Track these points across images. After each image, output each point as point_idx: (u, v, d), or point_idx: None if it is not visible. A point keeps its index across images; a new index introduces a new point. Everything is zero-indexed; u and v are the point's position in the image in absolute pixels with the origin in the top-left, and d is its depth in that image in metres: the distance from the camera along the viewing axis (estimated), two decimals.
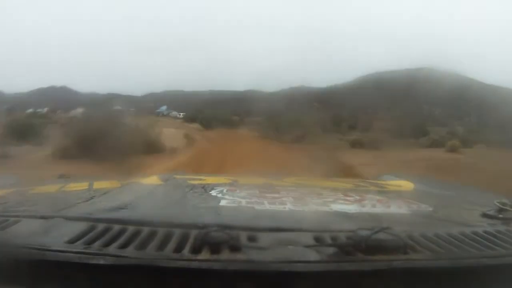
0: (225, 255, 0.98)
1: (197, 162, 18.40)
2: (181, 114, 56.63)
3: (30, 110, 46.80)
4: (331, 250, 1.02)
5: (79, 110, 48.71)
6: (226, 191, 1.84)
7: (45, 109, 48.84)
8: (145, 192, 1.87)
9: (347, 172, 14.44)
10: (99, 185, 2.08)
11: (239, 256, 0.98)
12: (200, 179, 2.24)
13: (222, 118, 46.37)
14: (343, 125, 39.64)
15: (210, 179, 2.27)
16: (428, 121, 40.88)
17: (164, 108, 55.83)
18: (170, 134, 30.78)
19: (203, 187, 1.95)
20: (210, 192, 1.82)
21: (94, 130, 18.79)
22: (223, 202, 1.61)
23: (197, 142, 31.54)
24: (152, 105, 56.54)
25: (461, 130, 36.69)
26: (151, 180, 2.25)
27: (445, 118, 44.07)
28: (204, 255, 0.98)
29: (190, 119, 51.96)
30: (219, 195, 1.74)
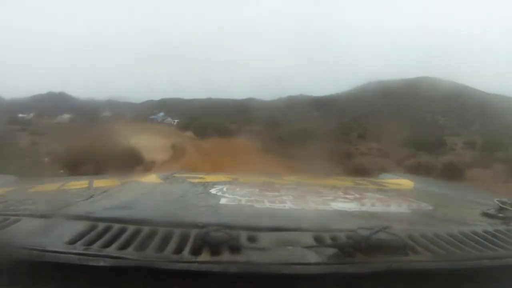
0: (225, 256, 0.98)
1: None
2: (175, 121, 53.20)
3: (20, 115, 46.33)
4: (330, 251, 1.02)
5: (66, 116, 47.86)
6: (226, 189, 1.84)
7: (31, 115, 48.34)
8: (145, 190, 1.87)
9: None
10: (99, 183, 2.08)
11: (239, 257, 0.97)
12: (200, 178, 2.24)
13: (218, 126, 41.34)
14: (353, 134, 35.69)
15: (210, 178, 2.26)
16: (436, 131, 39.33)
17: (161, 114, 55.01)
18: (154, 144, 26.27)
19: (203, 186, 1.95)
20: (210, 191, 1.82)
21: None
22: (223, 201, 1.61)
23: (186, 154, 26.86)
24: (149, 112, 56.20)
25: (479, 140, 33.71)
26: (151, 178, 2.25)
27: (450, 127, 43.15)
28: (204, 256, 0.98)
29: (183, 126, 47.45)
30: (219, 194, 1.74)
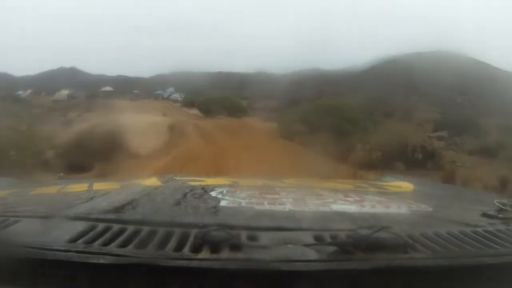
0: (225, 254, 0.98)
1: None
2: (182, 96, 48.42)
3: (19, 92, 45.41)
4: (331, 249, 1.03)
5: (64, 92, 45.80)
6: (226, 192, 1.85)
7: (28, 91, 47.56)
8: (144, 193, 1.87)
9: None
10: (99, 186, 2.10)
11: (239, 255, 0.98)
12: (200, 180, 2.25)
13: (226, 102, 35.40)
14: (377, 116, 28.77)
15: (210, 180, 2.27)
16: (464, 111, 35.39)
17: (171, 90, 53.75)
18: (146, 126, 21.51)
19: (203, 188, 1.95)
20: (210, 193, 1.82)
21: None
22: (223, 203, 1.62)
23: (185, 138, 21.36)
24: (159, 87, 55.41)
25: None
26: (151, 181, 2.26)
27: (469, 106, 40.80)
28: (204, 254, 0.98)
29: (189, 103, 41.67)
30: (219, 196, 1.75)
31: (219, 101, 35.71)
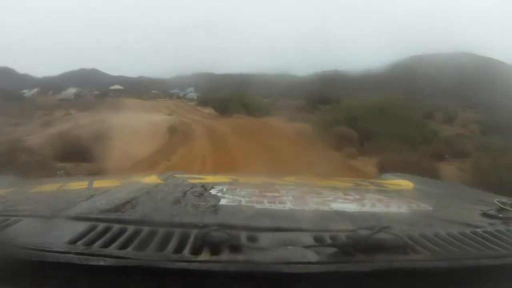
0: (225, 255, 0.98)
1: None
2: (196, 95, 47.60)
3: (24, 91, 44.98)
4: (331, 250, 1.03)
5: (71, 91, 45.87)
6: (226, 190, 1.84)
7: (35, 90, 47.16)
8: (144, 191, 1.86)
9: None
10: (99, 184, 2.10)
11: (239, 257, 0.98)
12: (200, 178, 2.24)
13: (244, 99, 31.80)
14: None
15: (210, 178, 2.27)
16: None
17: (190, 89, 53.56)
18: (140, 127, 18.73)
19: (203, 186, 1.95)
20: (210, 191, 1.82)
21: None
22: (223, 201, 1.61)
23: (188, 142, 18.05)
24: (179, 88, 55.36)
25: None
26: (151, 179, 2.26)
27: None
28: (204, 255, 0.98)
29: (204, 101, 39.98)
30: (219, 194, 1.75)
31: (235, 98, 32.65)
